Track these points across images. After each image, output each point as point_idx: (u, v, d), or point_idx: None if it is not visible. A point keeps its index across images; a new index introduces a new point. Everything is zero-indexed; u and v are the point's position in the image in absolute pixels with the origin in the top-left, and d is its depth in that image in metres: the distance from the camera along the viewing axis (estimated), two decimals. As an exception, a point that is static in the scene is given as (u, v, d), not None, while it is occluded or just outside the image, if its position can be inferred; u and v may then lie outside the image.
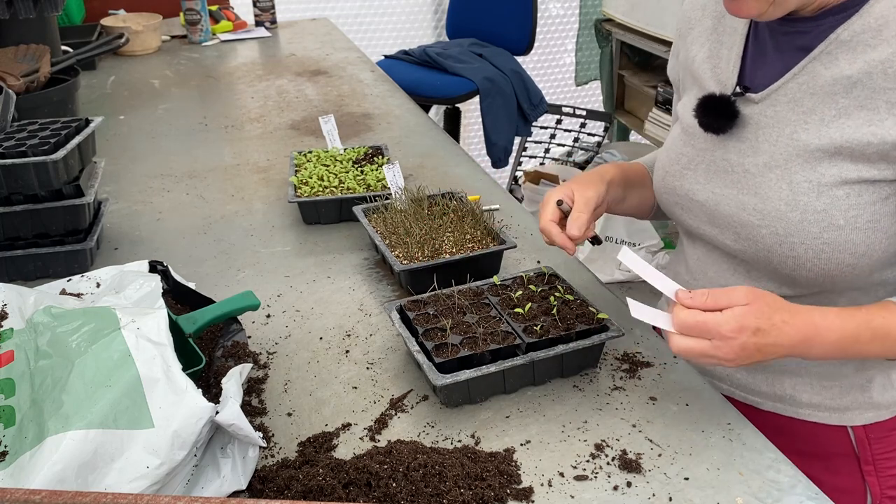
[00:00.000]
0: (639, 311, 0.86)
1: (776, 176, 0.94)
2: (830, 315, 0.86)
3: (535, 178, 3.50)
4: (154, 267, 1.13)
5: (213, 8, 2.92)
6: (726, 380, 1.11)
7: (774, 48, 0.97)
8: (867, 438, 1.04)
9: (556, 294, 1.07)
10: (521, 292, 1.08)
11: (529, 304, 1.05)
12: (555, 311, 1.03)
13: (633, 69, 3.61)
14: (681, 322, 0.82)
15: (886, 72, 0.86)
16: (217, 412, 0.79)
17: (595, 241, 1.08)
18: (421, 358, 0.96)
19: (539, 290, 1.09)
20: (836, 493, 0.86)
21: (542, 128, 3.76)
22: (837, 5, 0.89)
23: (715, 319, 0.81)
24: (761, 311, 0.81)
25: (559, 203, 1.04)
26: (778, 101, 0.95)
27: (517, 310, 1.03)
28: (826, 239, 0.90)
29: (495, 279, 1.12)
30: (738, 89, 0.99)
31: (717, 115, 0.99)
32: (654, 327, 0.94)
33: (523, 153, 3.86)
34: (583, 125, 3.80)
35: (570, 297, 1.06)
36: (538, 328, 1.00)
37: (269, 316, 1.18)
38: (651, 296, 1.02)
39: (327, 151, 1.64)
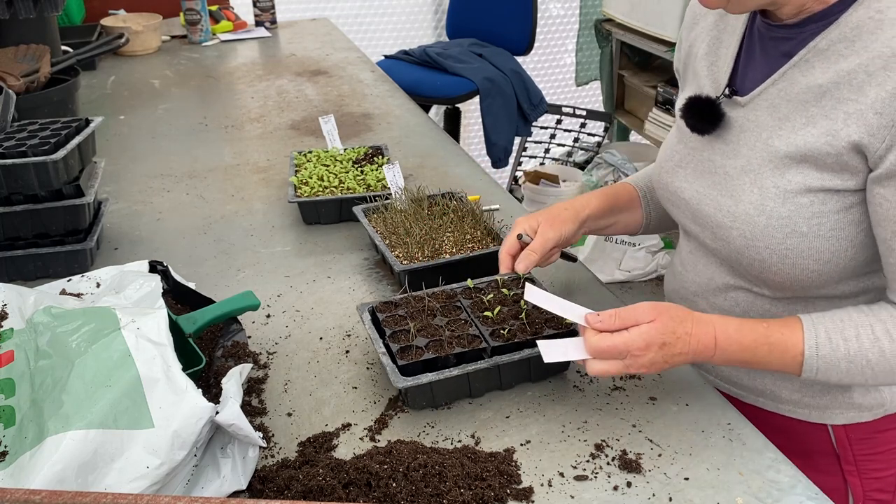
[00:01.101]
0: (550, 353, 0.90)
1: (749, 180, 0.95)
2: (730, 328, 0.90)
3: (535, 178, 3.50)
4: (154, 267, 1.13)
5: (213, 8, 2.92)
6: (712, 371, 1.13)
7: (762, 52, 0.97)
8: (847, 438, 1.05)
9: None
10: (492, 295, 1.07)
11: (499, 307, 1.04)
12: (524, 314, 1.02)
13: (633, 69, 3.60)
14: (593, 347, 0.87)
15: (851, 83, 0.86)
16: (217, 412, 0.79)
17: (567, 257, 1.16)
18: (385, 360, 0.95)
19: (511, 293, 1.08)
20: None
21: (542, 128, 3.76)
22: (819, 12, 0.89)
23: (623, 340, 0.86)
24: (665, 327, 0.87)
25: (520, 237, 1.07)
26: (759, 105, 0.96)
27: (486, 313, 1.03)
28: (789, 245, 0.92)
29: (469, 282, 1.11)
30: (726, 91, 1.00)
31: (702, 117, 1.00)
32: None
33: (523, 153, 3.86)
34: (583, 125, 3.81)
35: None
36: (505, 332, 0.99)
37: (269, 316, 1.18)
38: (651, 295, 1.02)
39: (327, 151, 1.64)
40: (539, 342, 0.91)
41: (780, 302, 1.01)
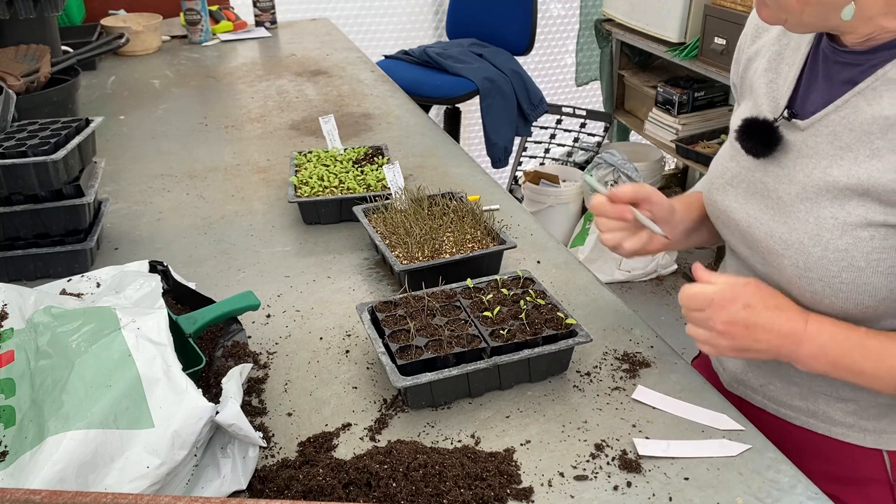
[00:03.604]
0: (645, 394, 0.95)
1: (805, 208, 0.91)
2: (826, 320, 0.87)
3: (535, 178, 3.50)
4: (154, 267, 1.13)
5: (213, 8, 2.92)
6: (759, 391, 1.07)
7: (825, 76, 0.93)
8: None
9: (528, 298, 1.06)
10: (492, 295, 1.07)
11: (499, 307, 1.04)
12: (523, 315, 1.02)
13: (633, 69, 3.61)
14: (683, 292, 0.90)
15: None
16: (217, 412, 0.79)
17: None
18: (385, 359, 0.95)
19: (511, 293, 1.08)
20: None
21: (542, 128, 3.76)
22: (890, 41, 0.86)
23: (712, 288, 0.89)
24: (756, 290, 0.88)
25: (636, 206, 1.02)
26: (819, 131, 0.91)
27: (486, 313, 1.02)
28: (844, 279, 0.88)
29: (469, 282, 1.11)
30: (785, 113, 0.95)
31: (758, 139, 0.96)
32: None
33: (523, 153, 3.86)
34: (583, 125, 3.81)
35: (542, 302, 1.05)
36: (505, 332, 0.99)
37: (269, 316, 1.18)
38: (651, 294, 1.02)
39: (327, 151, 1.64)
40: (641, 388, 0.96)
41: None
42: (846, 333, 0.87)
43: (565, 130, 3.79)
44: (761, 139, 0.96)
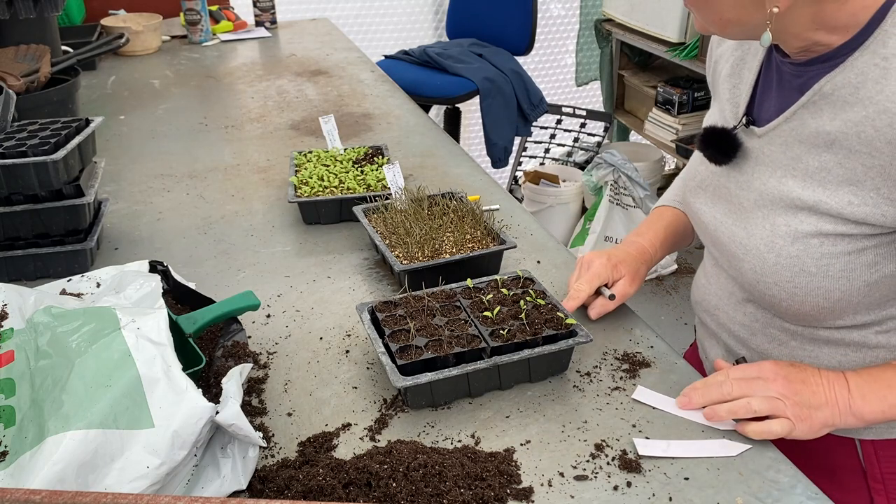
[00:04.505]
0: (645, 395, 0.97)
1: (762, 215, 0.94)
2: (860, 369, 0.91)
3: (535, 178, 3.50)
4: (154, 267, 1.13)
5: (214, 8, 2.92)
6: None
7: (778, 83, 0.95)
8: (876, 455, 1.01)
9: (528, 298, 1.06)
10: (491, 295, 1.07)
11: (499, 307, 1.04)
12: (523, 315, 1.02)
13: (633, 69, 3.61)
14: (732, 369, 0.93)
15: (860, 135, 0.84)
16: (217, 412, 0.79)
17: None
18: (385, 359, 0.95)
19: (511, 293, 1.08)
20: None
21: (542, 128, 3.76)
22: (823, 55, 0.87)
23: (754, 364, 0.92)
24: (787, 363, 0.91)
25: (601, 292, 1.12)
26: (774, 140, 0.94)
27: (486, 313, 1.03)
28: (798, 283, 0.91)
29: (468, 282, 1.11)
30: (744, 121, 0.98)
31: (717, 148, 0.99)
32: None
33: (523, 153, 3.86)
34: (583, 125, 3.81)
35: (542, 302, 1.05)
36: (505, 332, 0.99)
37: (269, 316, 1.18)
38: (651, 294, 1.02)
39: (327, 151, 1.64)
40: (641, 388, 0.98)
41: (799, 324, 0.99)
42: (889, 371, 0.90)
43: (565, 130, 3.79)
44: (719, 148, 0.99)
